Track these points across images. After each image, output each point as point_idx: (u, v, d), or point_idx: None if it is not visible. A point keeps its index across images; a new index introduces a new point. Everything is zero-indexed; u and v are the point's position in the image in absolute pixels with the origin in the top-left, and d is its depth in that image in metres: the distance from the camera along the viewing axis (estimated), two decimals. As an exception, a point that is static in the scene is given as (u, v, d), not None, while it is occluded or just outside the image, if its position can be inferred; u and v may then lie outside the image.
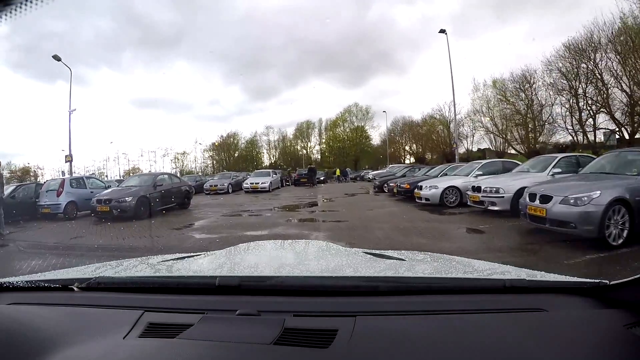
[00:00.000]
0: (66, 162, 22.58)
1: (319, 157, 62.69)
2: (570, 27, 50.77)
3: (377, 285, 1.13)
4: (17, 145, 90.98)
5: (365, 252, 1.71)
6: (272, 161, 61.45)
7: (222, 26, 73.39)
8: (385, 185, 16.71)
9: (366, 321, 0.94)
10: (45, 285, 1.26)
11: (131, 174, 38.92)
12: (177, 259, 1.73)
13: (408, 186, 13.20)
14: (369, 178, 30.84)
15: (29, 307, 1.17)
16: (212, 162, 63.05)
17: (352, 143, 59.87)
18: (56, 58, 20.47)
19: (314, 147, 64.53)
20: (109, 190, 12.62)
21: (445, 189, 11.08)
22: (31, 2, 0.81)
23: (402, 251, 1.81)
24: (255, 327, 0.96)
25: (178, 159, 63.30)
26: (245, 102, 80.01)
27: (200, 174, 46.85)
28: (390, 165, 31.79)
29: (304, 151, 63.70)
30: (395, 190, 14.33)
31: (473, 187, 9.26)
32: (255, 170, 29.96)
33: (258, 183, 22.48)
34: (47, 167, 56.81)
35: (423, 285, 1.14)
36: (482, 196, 8.70)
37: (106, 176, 59.75)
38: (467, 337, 0.89)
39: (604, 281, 1.01)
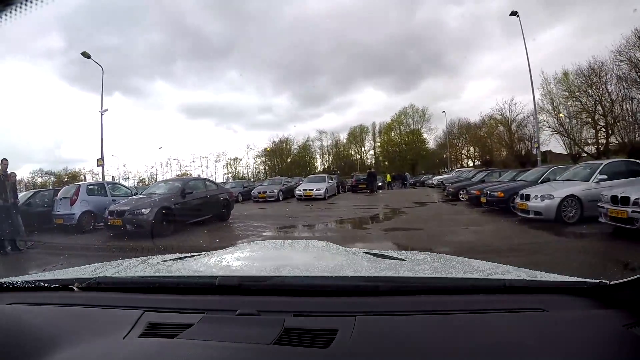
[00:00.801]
0: (98, 165, 20.92)
1: (373, 161, 59.86)
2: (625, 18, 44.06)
3: (377, 285, 1.12)
4: (79, 152, 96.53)
5: (365, 252, 1.72)
6: (325, 166, 60.22)
7: (270, 35, 73.67)
8: (462, 192, 14.65)
9: (366, 321, 0.94)
10: (45, 285, 1.25)
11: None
12: (177, 259, 1.73)
13: (502, 194, 10.39)
14: (432, 183, 28.43)
15: (29, 307, 1.17)
16: (265, 168, 62.50)
17: (409, 147, 56.81)
18: (85, 55, 19.31)
19: (368, 151, 62.67)
20: (126, 199, 10.49)
21: (563, 199, 8.05)
22: (31, 2, 0.82)
23: (402, 251, 1.91)
24: (255, 327, 0.95)
25: (230, 165, 63.35)
26: (297, 109, 79.34)
27: (252, 179, 46.25)
28: (456, 170, 30.04)
29: (358, 156, 62.05)
30: (483, 200, 11.25)
31: (615, 197, 6.30)
32: (309, 175, 26.52)
33: (312, 189, 19.53)
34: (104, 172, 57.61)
35: (423, 285, 1.13)
36: (632, 211, 5.85)
37: (155, 180, 60.59)
38: (467, 337, 0.88)
39: (603, 281, 1.00)
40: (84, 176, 50.67)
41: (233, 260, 1.65)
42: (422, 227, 9.28)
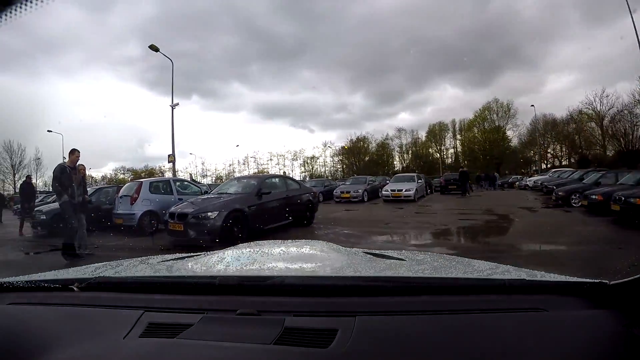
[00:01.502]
0: (169, 162, 19.63)
1: (452, 160, 57.03)
2: None
3: (377, 285, 1.12)
4: (160, 151, 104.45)
5: (365, 252, 1.72)
6: (404, 165, 58.75)
7: (341, 34, 72.82)
8: (574, 196, 12.31)
9: (366, 321, 0.94)
10: (45, 285, 1.25)
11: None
12: (177, 259, 1.73)
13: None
14: (527, 185, 25.57)
15: (29, 307, 1.17)
16: (342, 167, 61.27)
17: (493, 145, 51.59)
18: (153, 48, 18.62)
19: (449, 150, 59.38)
20: (192, 200, 8.59)
21: None
22: (32, 2, 0.81)
23: (402, 251, 1.79)
24: (255, 327, 0.95)
25: (307, 163, 62.98)
26: (372, 107, 77.91)
27: (330, 178, 45.17)
28: (553, 170, 27.60)
29: (437, 155, 59.16)
30: (616, 207, 8.46)
31: None
32: (396, 174, 23.56)
33: (401, 190, 17.32)
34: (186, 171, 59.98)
35: (423, 285, 1.12)
36: None
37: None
38: (467, 337, 0.88)
39: (603, 281, 1.00)
40: (162, 173, 51.78)
41: (233, 260, 1.65)
42: (567, 247, 6.50)
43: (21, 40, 64.59)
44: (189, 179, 17.71)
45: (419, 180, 19.58)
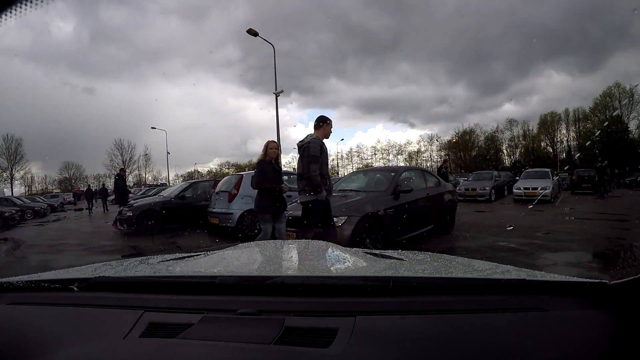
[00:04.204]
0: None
1: (564, 155, 52.86)
2: None
3: (377, 285, 1.11)
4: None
5: (366, 252, 1.73)
6: (513, 160, 55.74)
7: (436, 23, 71.56)
8: None
9: (366, 321, 0.94)
10: (45, 285, 1.25)
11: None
12: (177, 258, 1.71)
13: None
14: None
15: (29, 307, 1.17)
16: (449, 162, 57.90)
17: (618, 136, 44.80)
18: (252, 32, 17.83)
19: (562, 143, 54.62)
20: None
21: None
22: (32, 2, 0.81)
23: (402, 251, 1.79)
24: (255, 326, 0.95)
25: (412, 158, 61.08)
26: (474, 99, 74.80)
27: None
28: None
29: (550, 149, 54.64)
30: None
31: None
32: (527, 170, 19.40)
33: (536, 188, 14.80)
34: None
35: (423, 285, 1.13)
36: None
37: (337, 174, 60.41)
38: (467, 337, 0.88)
39: (603, 281, 1.00)
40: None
41: (233, 260, 1.65)
42: None
43: (126, 51, 74.45)
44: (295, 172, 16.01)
45: (554, 178, 16.89)
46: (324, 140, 4.71)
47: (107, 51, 79.63)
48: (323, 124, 4.75)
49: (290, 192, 6.29)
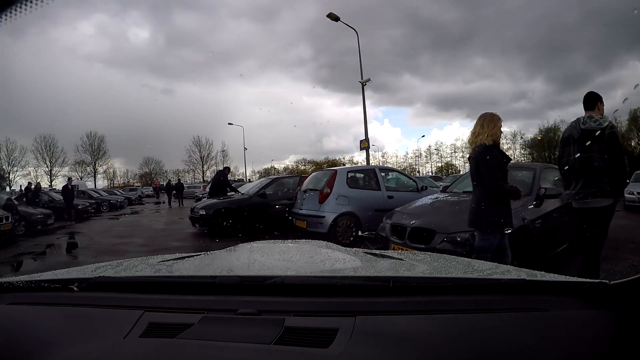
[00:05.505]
0: (361, 149, 16.94)
1: None
2: None
3: (377, 285, 1.11)
4: (338, 145, 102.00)
5: (366, 252, 1.72)
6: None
7: (509, 13, 68.22)
8: None
9: (366, 321, 0.94)
10: (45, 285, 1.25)
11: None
12: (177, 258, 1.71)
13: None
14: None
15: (29, 307, 1.17)
16: (532, 161, 52.43)
17: None
18: (332, 17, 17.68)
19: None
20: (417, 203, 5.26)
21: None
22: (32, 2, 0.81)
23: (402, 251, 1.89)
24: (255, 326, 0.95)
25: None
26: (554, 93, 68.25)
27: None
28: None
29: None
30: None
31: None
32: (637, 172, 17.18)
33: None
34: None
35: (423, 285, 1.12)
36: None
37: (418, 172, 58.97)
38: (467, 337, 0.88)
39: (603, 281, 1.00)
40: (344, 164, 50.83)
41: (233, 260, 1.65)
42: None
43: (201, 55, 76.47)
44: (396, 169, 12.95)
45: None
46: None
47: (183, 54, 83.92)
48: (599, 103, 3.61)
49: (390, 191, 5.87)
